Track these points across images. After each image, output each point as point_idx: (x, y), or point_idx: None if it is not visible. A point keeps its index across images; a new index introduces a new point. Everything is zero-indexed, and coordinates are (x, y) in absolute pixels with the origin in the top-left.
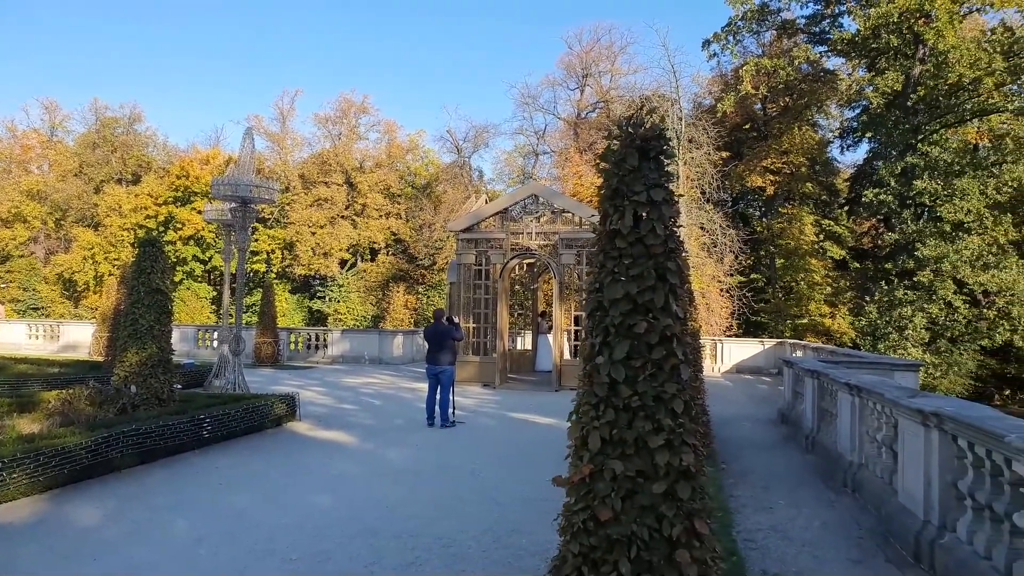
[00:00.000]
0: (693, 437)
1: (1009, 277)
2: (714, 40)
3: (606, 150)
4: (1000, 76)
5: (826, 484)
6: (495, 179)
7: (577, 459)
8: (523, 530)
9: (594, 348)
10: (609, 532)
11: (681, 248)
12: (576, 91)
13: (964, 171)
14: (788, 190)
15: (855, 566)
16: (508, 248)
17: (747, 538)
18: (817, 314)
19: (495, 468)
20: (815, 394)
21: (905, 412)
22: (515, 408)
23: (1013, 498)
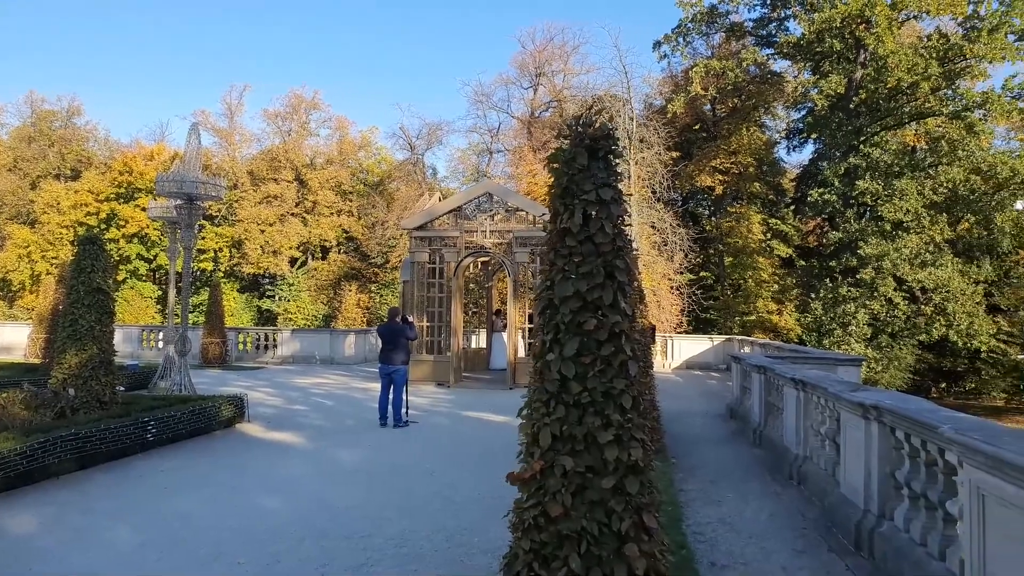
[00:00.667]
0: (641, 432)
1: (944, 274)
2: (664, 41)
3: (556, 150)
4: (936, 81)
5: (773, 477)
6: (449, 177)
7: (528, 456)
8: (476, 528)
9: (545, 345)
10: (560, 528)
11: (629, 246)
12: (530, 90)
13: (903, 172)
14: (736, 190)
15: (799, 556)
16: (462, 246)
17: (696, 531)
18: (765, 311)
19: (448, 467)
20: (762, 389)
21: (847, 406)
22: (469, 407)
23: (946, 486)
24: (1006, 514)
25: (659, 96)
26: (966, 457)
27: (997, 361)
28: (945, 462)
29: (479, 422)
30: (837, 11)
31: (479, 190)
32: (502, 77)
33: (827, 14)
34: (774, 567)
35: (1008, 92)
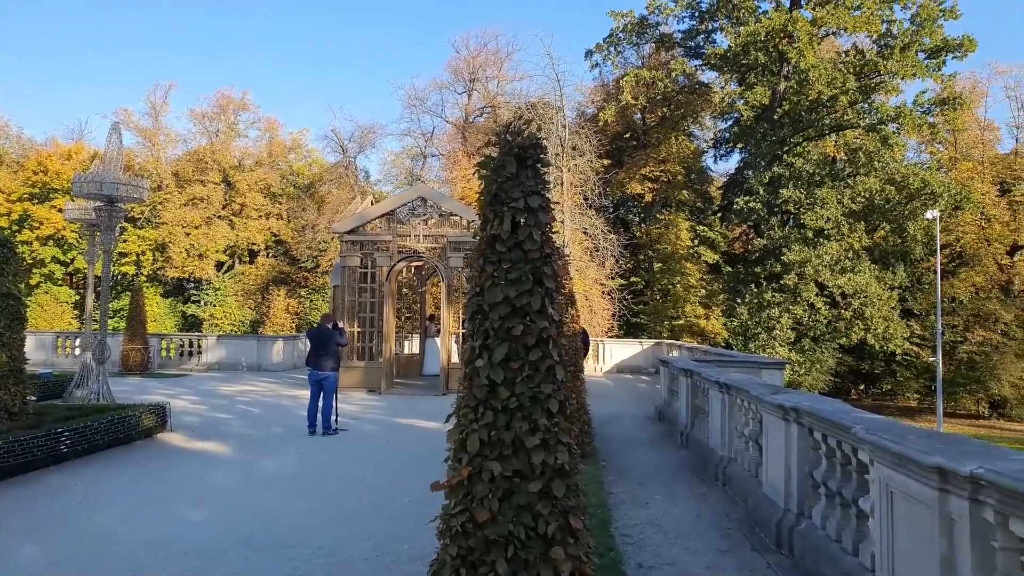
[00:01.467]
0: (568, 436)
1: (863, 280)
2: (596, 51)
3: (486, 158)
4: (853, 95)
5: (699, 478)
6: (382, 180)
7: (456, 462)
8: (406, 536)
9: (474, 351)
10: (487, 533)
11: (556, 253)
12: (464, 95)
13: (824, 182)
14: (665, 197)
15: (723, 555)
16: (395, 251)
17: (624, 533)
18: (693, 315)
19: (379, 475)
20: (689, 392)
21: (768, 408)
22: (401, 413)
23: (859, 484)
24: (911, 508)
25: (591, 104)
26: (876, 456)
27: (911, 363)
28: (858, 461)
29: (411, 428)
30: (761, 25)
31: (412, 194)
32: (436, 82)
33: (752, 28)
34: (699, 567)
35: (919, 107)
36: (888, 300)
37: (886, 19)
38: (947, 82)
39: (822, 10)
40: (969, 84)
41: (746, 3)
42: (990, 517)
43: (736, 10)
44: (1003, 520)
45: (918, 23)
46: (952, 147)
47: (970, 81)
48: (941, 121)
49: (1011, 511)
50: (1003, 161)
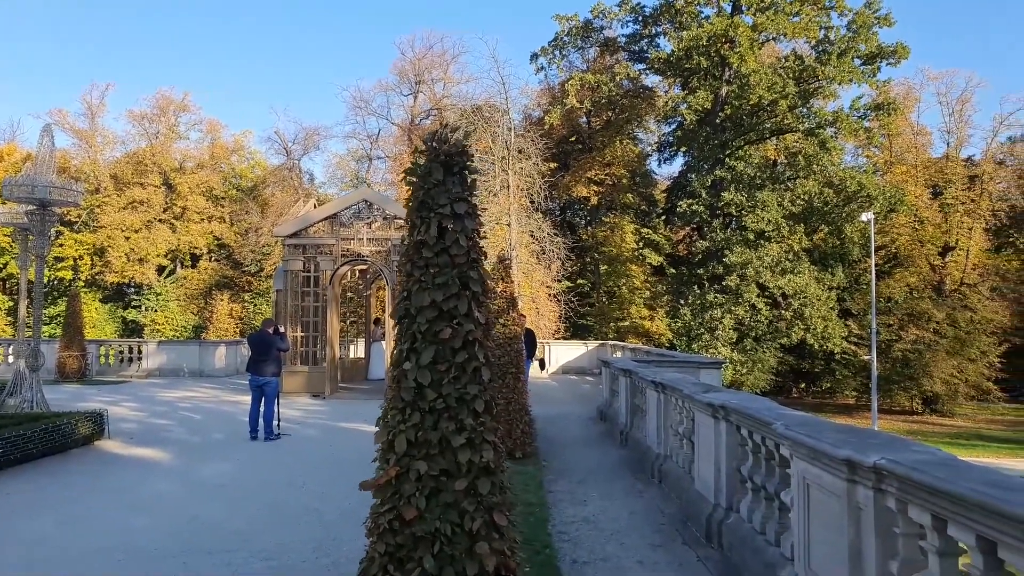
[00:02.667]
0: (494, 435)
1: (802, 281)
2: (541, 54)
3: (413, 164)
4: (792, 99)
5: (636, 476)
6: (327, 183)
7: (384, 462)
8: (346, 539)
9: (402, 354)
10: (414, 530)
11: (483, 258)
12: (410, 97)
13: (764, 185)
14: (611, 200)
15: (656, 550)
16: (338, 254)
17: (561, 531)
18: (638, 316)
19: (320, 479)
20: (628, 392)
21: (699, 406)
22: (345, 418)
23: (781, 478)
24: (825, 499)
25: (537, 107)
26: (794, 450)
27: (849, 362)
28: (780, 456)
29: (354, 433)
30: (703, 30)
31: (356, 197)
32: (382, 84)
33: (694, 32)
34: (631, 562)
35: (855, 112)
36: (827, 300)
37: (824, 26)
38: (882, 88)
39: (762, 16)
40: (903, 90)
41: (688, 8)
42: (892, 505)
43: (679, 15)
44: (903, 507)
45: (854, 30)
46: (887, 151)
47: (904, 87)
48: (876, 126)
49: (909, 498)
50: (935, 165)
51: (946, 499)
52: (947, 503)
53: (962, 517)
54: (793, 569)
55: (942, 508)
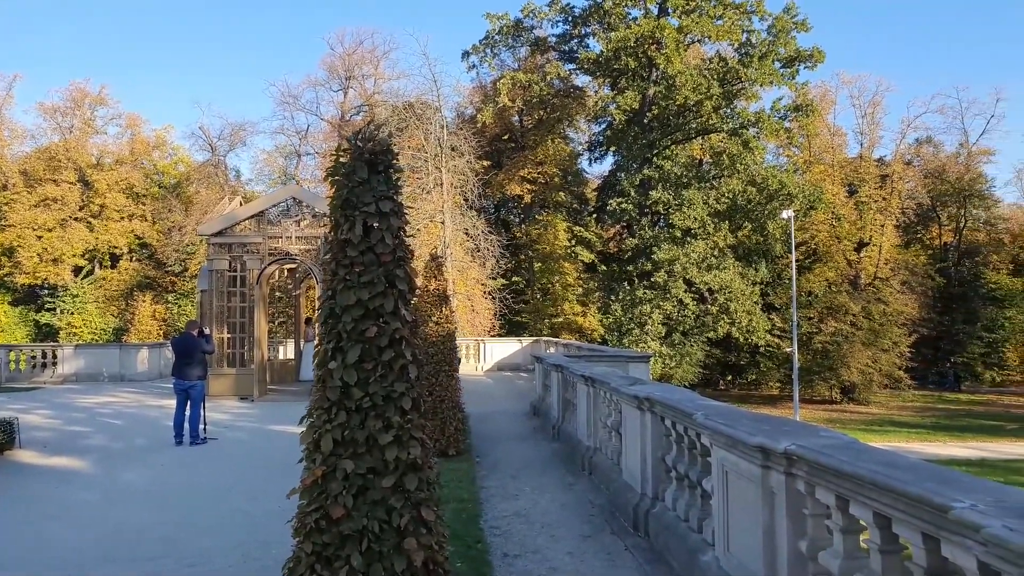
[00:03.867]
0: (421, 431)
1: (727, 277)
2: (473, 52)
3: (336, 163)
4: (717, 100)
5: (568, 469)
6: (254, 180)
7: (310, 462)
8: (275, 542)
9: (327, 353)
10: (342, 528)
11: (410, 256)
12: (339, 93)
13: (691, 183)
14: (543, 198)
15: (585, 541)
16: (266, 253)
17: (493, 525)
18: (571, 313)
19: (249, 482)
20: (560, 387)
21: (626, 398)
22: (274, 420)
23: (703, 467)
24: (742, 485)
25: (470, 105)
26: (714, 439)
27: (772, 354)
28: (702, 445)
29: (283, 435)
30: (631, 31)
31: (284, 194)
32: (311, 79)
33: (622, 34)
34: (561, 553)
35: (776, 113)
36: (751, 295)
37: (746, 29)
38: (800, 90)
39: (687, 18)
40: (820, 92)
41: (616, 9)
42: (801, 488)
43: (607, 16)
44: (811, 490)
45: (774, 34)
46: (806, 151)
47: (821, 90)
48: (796, 127)
49: (817, 481)
50: (850, 164)
51: (848, 480)
52: (849, 484)
53: (861, 496)
54: (714, 553)
55: (845, 489)
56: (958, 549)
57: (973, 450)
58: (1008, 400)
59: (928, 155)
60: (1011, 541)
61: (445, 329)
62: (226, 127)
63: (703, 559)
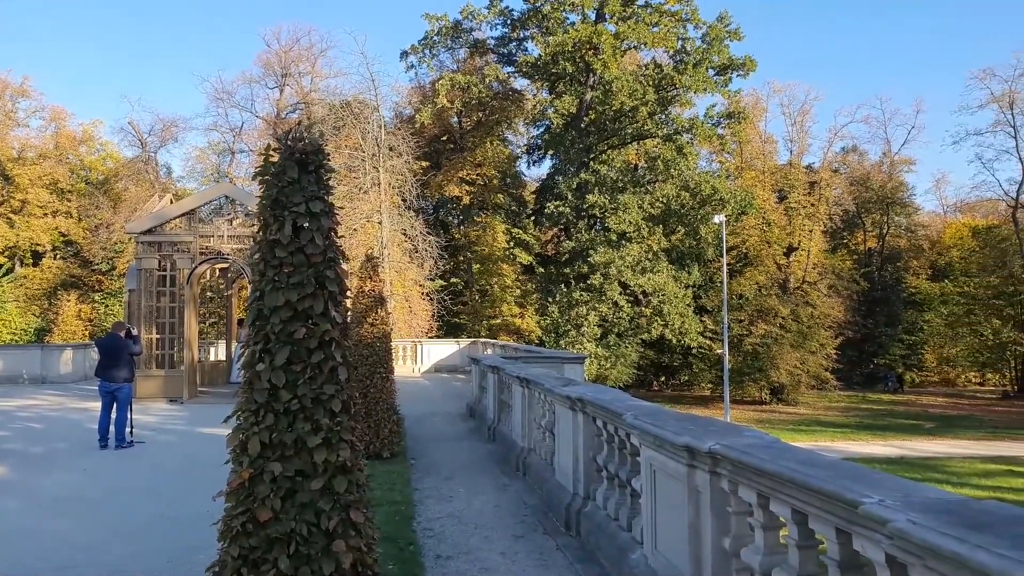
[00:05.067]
0: (351, 433)
1: (661, 280)
2: (412, 52)
3: (265, 162)
4: (652, 106)
5: (502, 470)
6: (185, 177)
7: (237, 465)
8: (202, 546)
9: (255, 355)
10: (269, 532)
11: (340, 257)
12: (275, 90)
13: (626, 188)
14: (482, 200)
15: (517, 541)
16: (197, 252)
17: (426, 527)
18: (509, 314)
19: (177, 486)
20: (496, 388)
21: (559, 399)
22: (204, 422)
23: (632, 466)
24: (669, 484)
25: (408, 105)
26: (643, 439)
27: (704, 356)
28: (631, 445)
29: (214, 438)
30: (569, 36)
31: (217, 191)
32: (245, 75)
33: (560, 38)
34: (494, 553)
35: (709, 120)
36: (684, 298)
37: (681, 37)
38: (733, 98)
39: (624, 25)
40: (752, 100)
41: (554, 14)
42: (725, 486)
43: (545, 20)
44: (734, 488)
45: (708, 42)
46: (738, 157)
47: (752, 97)
48: (728, 133)
49: (740, 480)
50: (780, 171)
51: (768, 478)
52: (769, 482)
53: (781, 494)
54: (642, 551)
55: (765, 486)
56: (868, 542)
57: (894, 448)
58: (926, 400)
59: (854, 163)
60: (914, 534)
61: (380, 330)
62: (157, 123)
63: (632, 557)
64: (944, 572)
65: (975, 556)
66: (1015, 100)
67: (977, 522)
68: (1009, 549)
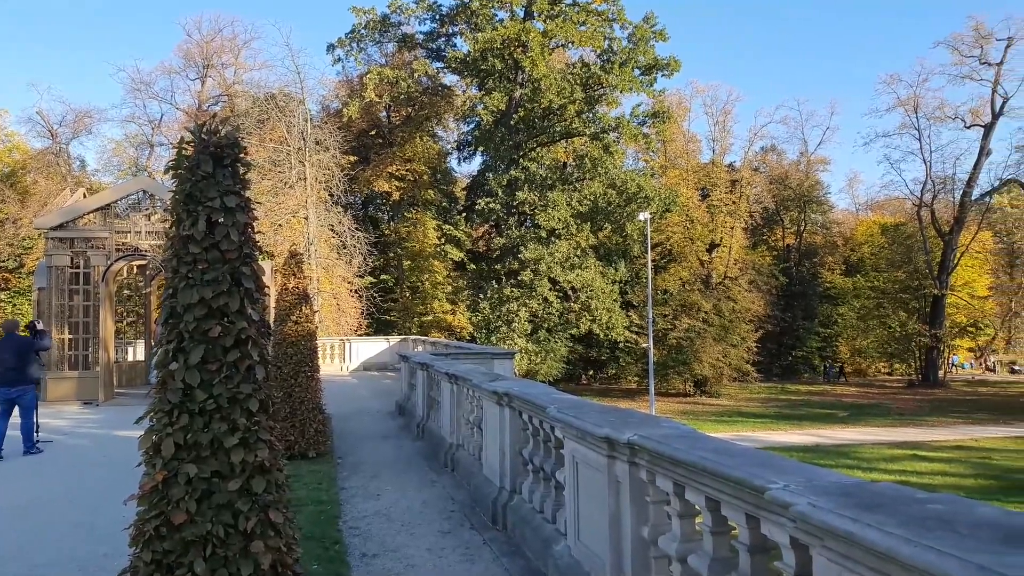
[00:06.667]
0: (269, 433)
1: (589, 276)
2: (339, 45)
3: (178, 155)
4: (580, 105)
5: (431, 467)
6: (101, 170)
7: (150, 467)
8: (116, 553)
9: (168, 355)
10: (184, 535)
11: (257, 254)
12: (197, 81)
13: (555, 185)
14: (412, 196)
15: (444, 536)
16: (113, 248)
17: (352, 525)
18: (440, 311)
19: (91, 492)
20: (425, 385)
21: (486, 394)
22: (121, 425)
23: (557, 459)
24: (591, 475)
25: (335, 99)
26: (566, 432)
27: (631, 350)
28: (556, 438)
29: (131, 441)
30: (498, 33)
31: (134, 185)
32: (165, 66)
33: (489, 35)
34: (421, 550)
35: (635, 119)
36: (611, 293)
37: (608, 36)
38: (658, 97)
39: (552, 23)
40: (676, 100)
41: (483, 10)
42: (644, 476)
43: (474, 16)
44: (652, 478)
45: (634, 42)
46: (663, 156)
47: (677, 97)
48: (653, 132)
49: (657, 469)
50: (703, 170)
51: (683, 467)
52: (684, 471)
53: (695, 482)
54: (566, 542)
55: (681, 476)
56: (774, 526)
57: (810, 437)
58: (840, 390)
59: (773, 162)
60: (813, 517)
61: (305, 328)
62: (68, 113)
63: (556, 549)
64: (840, 551)
65: (866, 534)
66: (919, 104)
67: (871, 503)
68: (897, 527)
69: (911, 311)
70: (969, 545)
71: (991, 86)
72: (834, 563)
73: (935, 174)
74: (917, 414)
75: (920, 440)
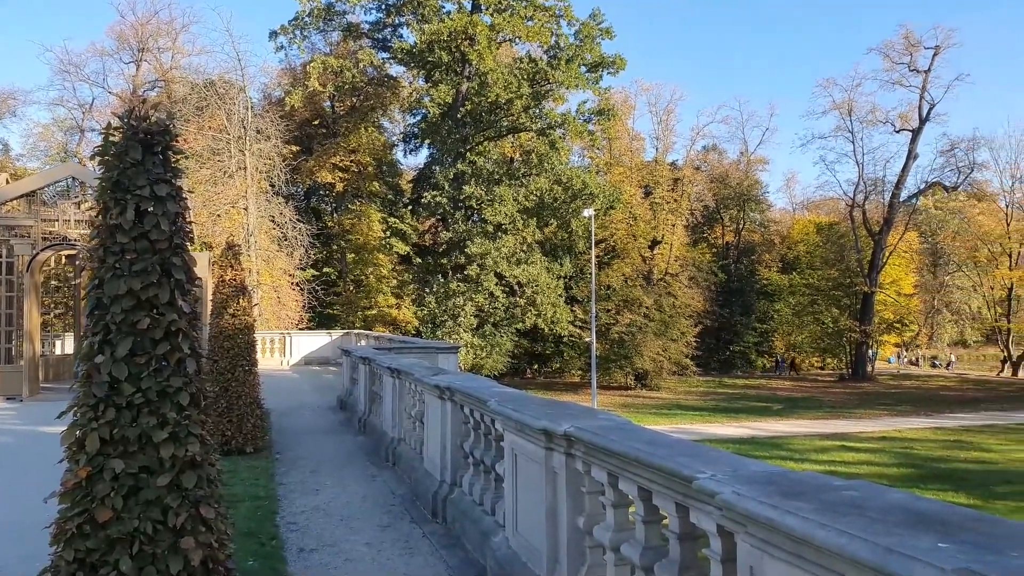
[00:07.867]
0: (201, 427)
1: (535, 271)
2: (282, 32)
3: (105, 142)
4: (527, 100)
5: (372, 461)
6: (26, 155)
7: (73, 463)
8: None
9: (93, 347)
10: (109, 532)
11: (188, 244)
12: (131, 65)
13: (502, 180)
14: (357, 188)
15: (384, 531)
16: (39, 237)
17: (290, 521)
18: (385, 305)
19: (14, 491)
20: (367, 379)
21: (428, 388)
22: (46, 420)
23: (497, 451)
24: (529, 467)
25: (278, 87)
26: (506, 425)
27: (575, 344)
28: (496, 431)
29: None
30: (445, 25)
31: (62, 172)
32: (97, 47)
33: (436, 27)
34: (359, 544)
35: (581, 116)
36: (556, 288)
37: (555, 32)
38: (604, 95)
39: (500, 17)
40: (621, 98)
41: (431, 2)
42: (580, 467)
43: (421, 7)
44: (588, 469)
45: (581, 39)
46: (608, 153)
47: (622, 95)
48: (599, 130)
49: (592, 460)
50: (647, 168)
51: (617, 458)
52: (618, 461)
53: (628, 472)
54: (504, 534)
55: (614, 466)
56: (702, 515)
57: (746, 429)
58: (775, 384)
59: (714, 161)
60: (737, 504)
61: (243, 321)
62: None
63: (494, 540)
64: (762, 537)
65: (785, 520)
66: (853, 108)
67: (792, 491)
68: (813, 513)
69: (843, 308)
70: (878, 528)
71: (919, 92)
72: (756, 548)
73: (867, 176)
74: (846, 406)
75: (849, 432)
